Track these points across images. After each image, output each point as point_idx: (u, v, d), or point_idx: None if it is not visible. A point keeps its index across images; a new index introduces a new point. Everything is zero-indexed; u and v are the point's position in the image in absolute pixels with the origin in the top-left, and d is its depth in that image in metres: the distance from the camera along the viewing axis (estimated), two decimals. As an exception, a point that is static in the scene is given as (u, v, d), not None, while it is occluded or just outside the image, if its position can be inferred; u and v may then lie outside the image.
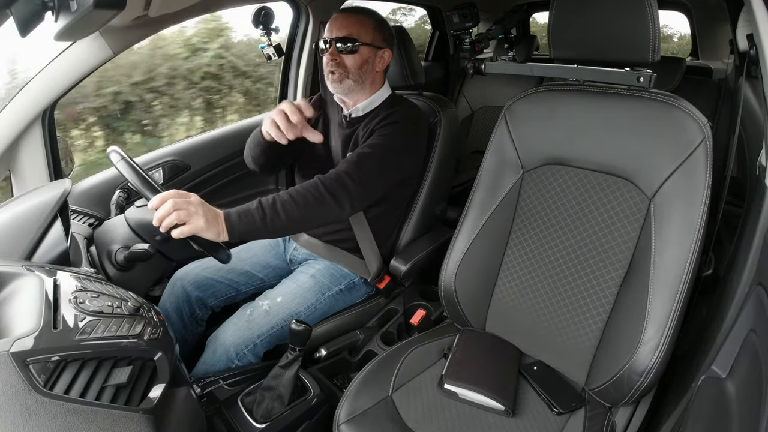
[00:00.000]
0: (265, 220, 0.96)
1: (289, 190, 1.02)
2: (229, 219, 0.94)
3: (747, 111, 1.16)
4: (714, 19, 2.37)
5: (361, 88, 1.20)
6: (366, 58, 1.18)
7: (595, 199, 0.96)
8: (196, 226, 0.88)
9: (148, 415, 0.62)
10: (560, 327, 1.00)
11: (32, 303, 0.67)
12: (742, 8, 1.41)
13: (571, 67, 1.00)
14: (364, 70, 1.19)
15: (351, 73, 1.17)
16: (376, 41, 1.19)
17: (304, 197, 1.00)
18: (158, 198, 0.88)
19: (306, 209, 1.00)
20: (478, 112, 2.50)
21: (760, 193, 0.80)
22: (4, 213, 0.91)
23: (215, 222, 0.91)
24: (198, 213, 0.89)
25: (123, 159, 0.99)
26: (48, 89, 1.11)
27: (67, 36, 0.91)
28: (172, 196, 0.88)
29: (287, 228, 1.01)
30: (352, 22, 1.17)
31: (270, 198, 0.99)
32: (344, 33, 1.16)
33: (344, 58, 1.17)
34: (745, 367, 0.66)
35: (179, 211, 0.87)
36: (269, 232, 0.99)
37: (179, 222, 0.87)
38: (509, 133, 1.05)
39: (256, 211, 0.96)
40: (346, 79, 1.18)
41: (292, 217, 0.98)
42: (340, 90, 1.20)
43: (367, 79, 1.21)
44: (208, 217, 0.90)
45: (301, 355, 0.98)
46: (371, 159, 1.09)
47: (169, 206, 0.87)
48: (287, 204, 0.98)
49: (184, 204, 0.88)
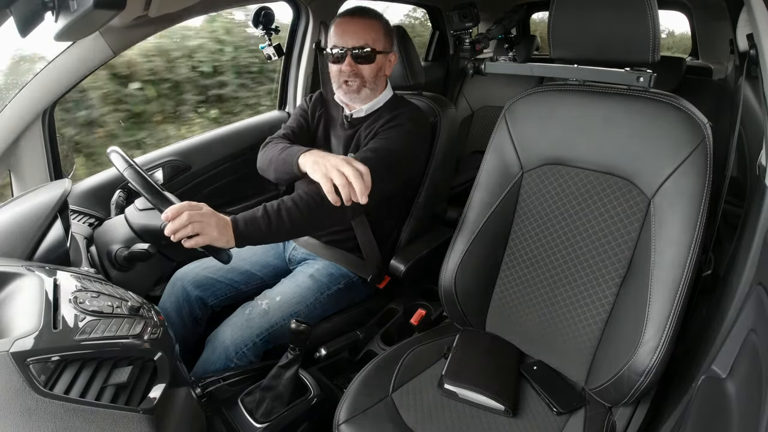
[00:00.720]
0: (270, 227, 0.97)
1: (293, 196, 1.02)
2: (237, 227, 0.95)
3: (747, 111, 1.16)
4: (714, 19, 2.37)
5: (374, 94, 1.21)
6: (381, 66, 1.18)
7: (595, 199, 0.96)
8: (210, 237, 0.90)
9: (148, 415, 0.62)
10: (560, 327, 1.00)
11: (32, 303, 0.67)
12: (742, 8, 1.41)
13: (571, 67, 1.00)
14: (379, 76, 1.19)
15: (368, 82, 1.17)
16: (387, 47, 1.18)
17: (308, 204, 1.00)
18: (173, 210, 0.89)
19: (310, 215, 1.00)
20: (478, 112, 2.50)
21: (760, 193, 0.81)
22: (4, 213, 0.91)
23: (225, 231, 0.93)
24: (210, 224, 0.90)
25: (126, 162, 0.99)
26: (48, 89, 1.11)
27: (67, 36, 0.92)
28: (186, 208, 0.89)
29: (292, 234, 1.03)
30: (366, 28, 1.14)
31: (275, 205, 0.99)
32: (361, 42, 1.13)
33: (361, 68, 1.15)
34: (745, 367, 0.66)
35: (194, 224, 0.89)
36: (273, 238, 1.01)
37: (193, 233, 0.89)
38: (509, 133, 1.05)
39: (262, 219, 0.97)
40: (363, 88, 1.17)
41: (297, 224, 0.99)
42: (357, 99, 1.20)
43: (380, 85, 1.21)
44: (219, 227, 0.92)
45: (301, 355, 0.98)
46: (375, 163, 1.08)
47: (184, 219, 0.88)
48: (292, 211, 0.99)
49: (198, 216, 0.89)
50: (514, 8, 2.67)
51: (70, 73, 1.11)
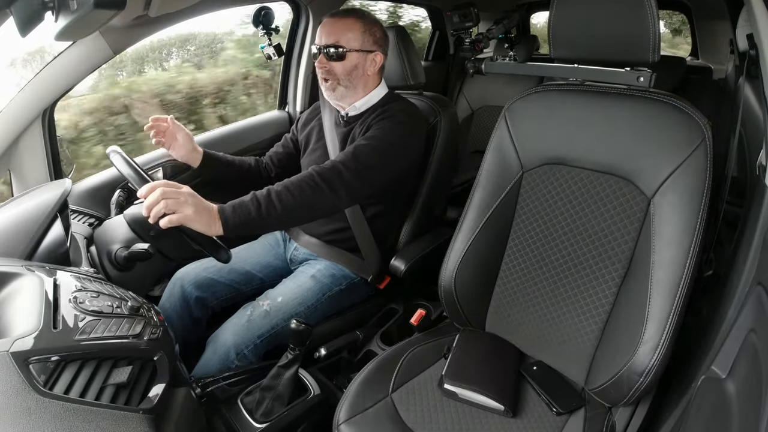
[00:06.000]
0: (260, 211, 0.94)
1: (284, 181, 1.00)
2: (224, 212, 0.92)
3: (747, 111, 1.15)
4: (714, 19, 2.37)
5: (353, 93, 1.22)
6: (355, 64, 1.18)
7: (595, 199, 0.96)
8: (185, 216, 0.86)
9: (148, 415, 0.62)
10: (560, 327, 1.00)
11: (32, 303, 0.67)
12: (742, 8, 1.41)
13: (571, 67, 1.00)
14: (354, 75, 1.19)
15: (341, 79, 1.19)
16: (365, 45, 1.18)
17: (299, 187, 0.99)
18: (147, 187, 0.86)
19: (301, 199, 0.98)
20: (478, 112, 2.50)
21: (760, 193, 0.81)
22: (4, 213, 0.91)
23: (206, 213, 0.89)
24: (187, 202, 0.87)
25: (121, 156, 0.99)
26: (48, 89, 1.11)
27: (67, 36, 0.92)
28: (161, 185, 0.86)
29: (283, 219, 0.98)
30: (339, 28, 1.17)
31: (264, 190, 0.98)
32: (332, 40, 1.16)
33: (333, 66, 1.17)
34: (745, 367, 0.66)
35: (168, 200, 0.85)
36: (265, 225, 0.97)
37: (168, 211, 0.85)
38: (509, 133, 1.05)
39: (251, 202, 0.95)
40: (338, 86, 1.20)
41: (288, 208, 0.96)
42: (333, 97, 1.23)
43: (359, 84, 1.21)
44: (197, 207, 0.88)
45: (301, 355, 0.98)
46: (367, 150, 1.09)
47: (157, 194, 0.85)
48: (282, 194, 0.97)
49: (173, 193, 0.86)
50: (514, 8, 2.68)
51: (70, 73, 1.11)
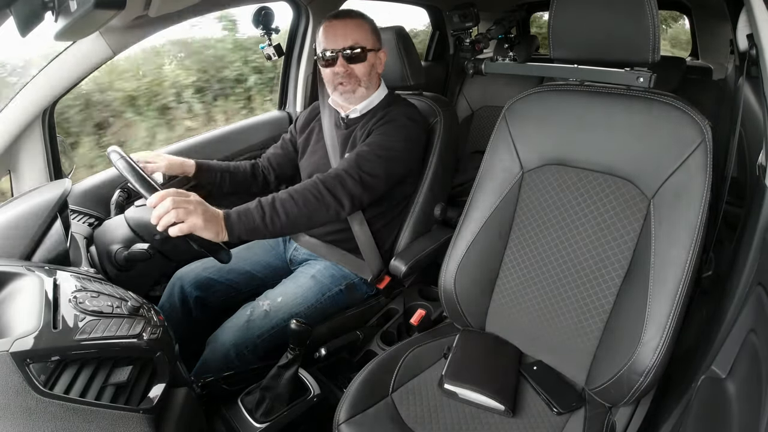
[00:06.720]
0: (264, 220, 0.96)
1: (288, 189, 1.02)
2: (229, 219, 0.93)
3: (747, 111, 1.15)
4: (714, 19, 2.37)
5: (370, 92, 1.22)
6: (372, 63, 1.19)
7: (595, 199, 0.96)
8: (194, 225, 0.87)
9: (148, 414, 0.62)
10: (560, 327, 1.00)
11: (32, 303, 0.67)
12: (742, 8, 1.41)
13: (571, 67, 1.00)
14: (372, 74, 1.20)
15: (362, 81, 1.19)
16: (375, 44, 1.20)
17: (303, 196, 1.00)
18: (157, 196, 0.87)
19: (306, 208, 1.00)
20: (478, 112, 2.50)
21: (760, 193, 0.80)
22: (4, 213, 0.91)
23: (214, 221, 0.90)
24: (196, 211, 0.88)
25: (122, 158, 0.99)
26: (48, 89, 1.10)
27: (67, 36, 0.91)
28: (171, 194, 0.87)
29: (287, 227, 1.00)
30: (354, 28, 1.16)
31: (269, 197, 0.99)
32: (350, 42, 1.15)
33: (353, 68, 1.17)
34: (745, 367, 0.66)
35: (178, 210, 0.86)
36: (269, 232, 0.98)
37: (177, 220, 0.86)
38: (509, 133, 1.05)
39: (256, 210, 0.96)
40: (358, 87, 1.19)
41: (292, 216, 0.98)
42: (353, 99, 1.21)
43: (374, 83, 1.22)
44: (206, 216, 0.89)
45: (301, 354, 0.98)
46: (370, 157, 1.09)
47: (168, 204, 0.86)
48: (287, 203, 0.98)
49: (183, 202, 0.87)
50: (514, 8, 2.68)
51: (70, 73, 1.11)
